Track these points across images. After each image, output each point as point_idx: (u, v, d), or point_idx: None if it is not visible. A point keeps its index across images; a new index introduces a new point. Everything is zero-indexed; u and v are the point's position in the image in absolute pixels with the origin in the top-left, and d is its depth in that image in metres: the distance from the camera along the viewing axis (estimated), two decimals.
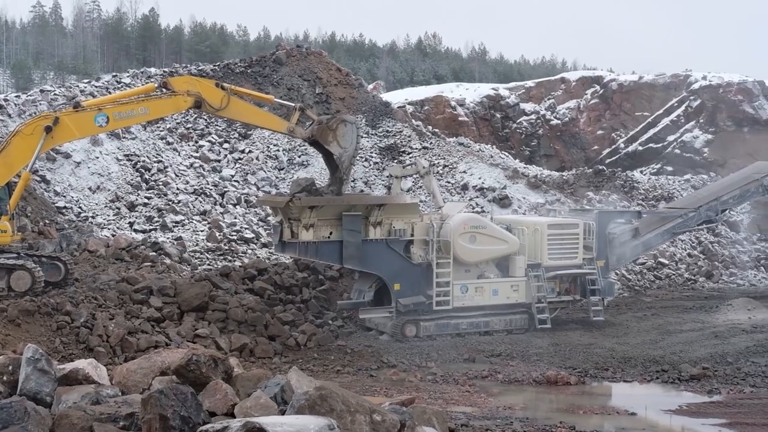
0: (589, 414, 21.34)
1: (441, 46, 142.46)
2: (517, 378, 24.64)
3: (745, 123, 57.78)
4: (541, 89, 64.81)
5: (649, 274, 42.84)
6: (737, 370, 25.42)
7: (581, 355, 27.48)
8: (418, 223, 30.35)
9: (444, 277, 29.91)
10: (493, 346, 28.50)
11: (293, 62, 51.25)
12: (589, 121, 62.13)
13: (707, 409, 21.71)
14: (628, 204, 48.38)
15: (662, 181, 53.89)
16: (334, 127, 28.20)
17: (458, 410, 20.20)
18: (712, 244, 46.47)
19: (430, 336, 29.51)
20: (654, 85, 62.58)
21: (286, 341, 27.77)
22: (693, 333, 30.59)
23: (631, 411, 21.67)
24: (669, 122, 59.65)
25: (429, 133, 52.78)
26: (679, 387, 24.14)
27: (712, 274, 44.01)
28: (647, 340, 29.76)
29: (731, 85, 58.73)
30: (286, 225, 28.52)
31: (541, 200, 47.35)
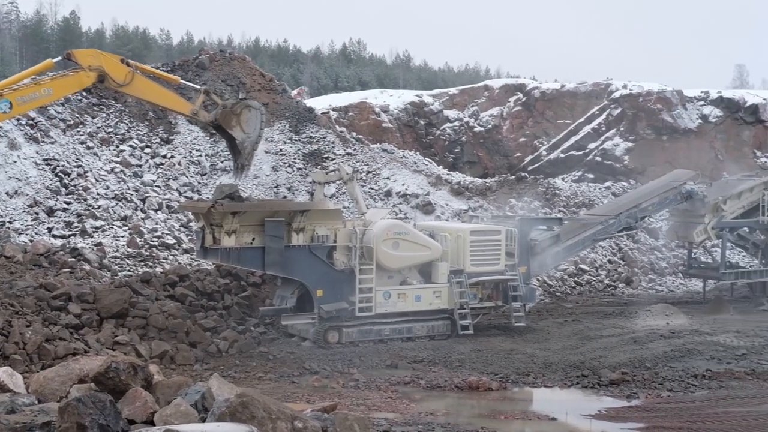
0: (510, 419, 21.49)
1: (365, 52, 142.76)
2: (439, 384, 24.71)
3: (664, 131, 58.72)
4: (465, 96, 65.18)
5: (570, 280, 43.31)
6: (655, 375, 25.80)
7: (503, 360, 27.68)
8: (341, 229, 30.31)
9: (367, 283, 29.91)
10: (415, 352, 28.56)
11: (216, 67, 50.93)
12: (512, 128, 62.66)
13: (626, 414, 22.00)
14: (549, 211, 48.86)
15: (583, 188, 54.52)
16: (238, 112, 27.97)
17: (380, 416, 20.18)
18: (631, 250, 47.13)
19: (352, 342, 29.48)
20: (576, 94, 63.34)
21: (207, 348, 27.55)
22: (613, 338, 30.97)
23: (551, 416, 21.85)
24: (590, 130, 60.38)
25: (353, 140, 52.80)
26: (599, 392, 24.41)
27: (631, 281, 44.63)
28: (568, 345, 30.08)
29: (651, 94, 59.64)
30: (208, 231, 28.27)
31: (464, 207, 47.61)
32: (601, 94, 62.28)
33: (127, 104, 47.21)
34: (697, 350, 28.68)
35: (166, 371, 23.23)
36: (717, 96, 60.93)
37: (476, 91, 65.99)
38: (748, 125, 59.54)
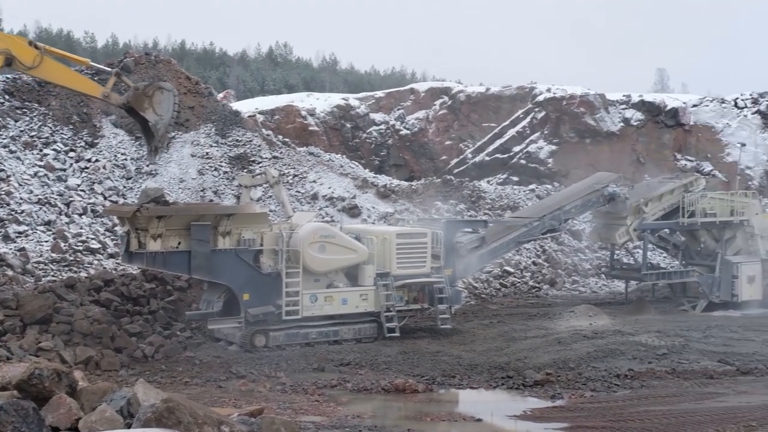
0: (436, 421, 21.64)
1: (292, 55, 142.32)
2: (365, 386, 24.79)
3: (587, 135, 59.48)
4: (391, 100, 65.39)
5: (495, 282, 43.70)
6: (579, 375, 26.17)
7: (429, 362, 27.84)
8: (268, 232, 30.26)
9: (293, 286, 29.90)
10: (342, 355, 28.62)
11: (141, 70, 50.45)
12: (438, 131, 62.99)
13: (550, 414, 22.27)
14: (475, 213, 49.25)
15: (508, 191, 55.02)
16: (150, 94, 27.50)
17: (307, 420, 20.21)
18: (555, 252, 47.72)
19: (279, 346, 29.44)
20: (501, 97, 63.88)
21: (133, 353, 27.34)
22: (537, 339, 31.32)
23: (477, 417, 22.03)
24: (515, 133, 60.95)
25: (279, 143, 52.69)
26: (524, 392, 24.69)
27: (555, 282, 45.18)
28: (493, 347, 30.35)
29: (574, 98, 60.38)
30: (133, 235, 28.05)
31: (391, 210, 47.77)
32: (525, 97, 62.90)
33: (51, 107, 46.60)
34: (619, 350, 29.12)
35: (91, 377, 22.98)
36: (639, 100, 61.88)
37: (402, 94, 66.23)
38: (668, 128, 60.54)
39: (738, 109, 61.92)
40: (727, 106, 62.24)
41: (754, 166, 58.91)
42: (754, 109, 61.77)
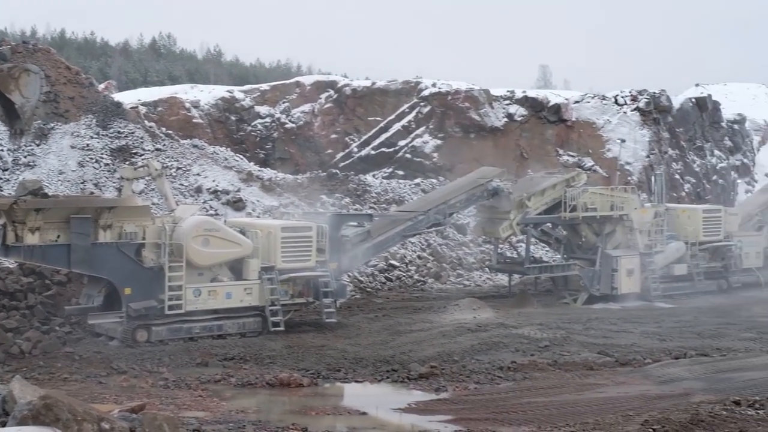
0: (321, 415, 21.56)
1: (176, 46, 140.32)
2: (250, 381, 24.61)
3: (472, 129, 59.97)
4: (276, 93, 64.91)
5: (380, 275, 43.81)
6: (463, 368, 26.42)
7: (314, 356, 27.79)
8: (150, 226, 29.81)
9: (176, 280, 29.52)
10: (226, 350, 28.37)
11: (19, 59, 48.98)
12: (324, 125, 62.79)
13: (435, 407, 22.40)
14: (360, 207, 49.30)
15: (393, 185, 55.22)
16: (17, 76, 26.95)
17: (190, 415, 19.94)
18: (440, 246, 48.04)
19: (162, 341, 29.04)
20: (386, 91, 63.98)
21: (9, 349, 26.64)
22: (422, 333, 31.51)
23: (362, 411, 22.06)
24: (400, 127, 61.11)
25: (162, 135, 51.91)
26: (409, 386, 24.80)
27: (440, 276, 45.49)
28: (378, 340, 30.44)
29: (459, 93, 60.83)
30: (10, 228, 27.31)
31: (276, 203, 47.50)
32: (411, 92, 63.09)
33: None
34: (502, 343, 29.51)
35: None
36: (522, 95, 62.63)
37: (288, 87, 65.82)
38: (551, 124, 61.43)
39: (618, 105, 63.18)
40: (607, 102, 63.46)
41: (634, 162, 60.21)
42: (633, 106, 63.09)
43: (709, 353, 29.09)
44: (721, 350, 29.68)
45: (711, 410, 20.01)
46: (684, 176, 64.62)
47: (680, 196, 61.77)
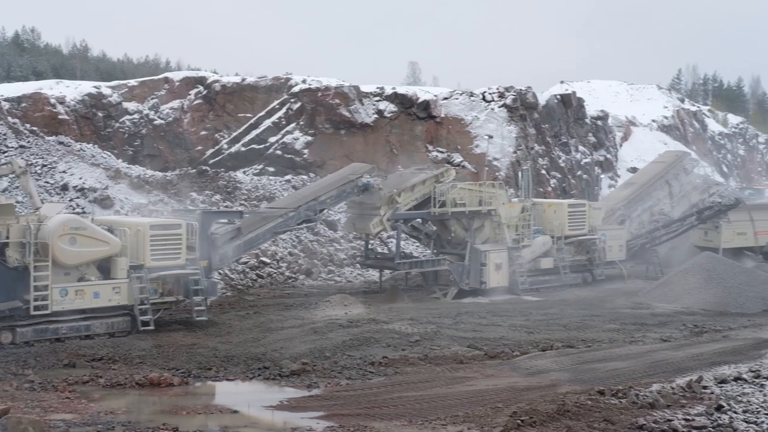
0: (192, 414, 21.41)
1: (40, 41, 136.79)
2: (119, 381, 24.26)
3: (342, 126, 60.03)
4: (145, 89, 63.87)
5: (251, 273, 43.59)
6: (334, 364, 26.54)
7: (184, 355, 27.54)
8: (14, 224, 29.08)
9: (42, 280, 28.86)
10: (94, 350, 27.90)
11: None
12: (193, 121, 62.03)
13: (307, 403, 22.46)
14: (231, 204, 48.98)
15: (264, 182, 55.00)
16: None
17: (57, 418, 19.56)
18: (311, 242, 48.04)
19: (27, 342, 28.40)
20: (256, 87, 63.54)
21: None
22: (293, 330, 31.52)
23: (234, 409, 21.98)
24: (271, 124, 60.78)
25: (26, 132, 50.67)
26: (281, 383, 24.82)
27: (311, 272, 45.50)
28: (249, 338, 30.32)
29: (329, 89, 60.79)
30: None
31: (144, 201, 46.85)
32: (281, 88, 62.81)
33: None
34: (374, 338, 29.74)
35: None
36: (392, 92, 62.97)
37: (156, 83, 64.82)
38: (420, 120, 61.89)
39: (486, 102, 64.05)
40: (475, 99, 64.27)
41: (501, 158, 61.14)
42: (500, 102, 64.04)
43: (574, 345, 29.85)
44: (587, 341, 30.48)
45: (577, 400, 20.57)
46: (550, 171, 65.92)
47: (546, 191, 62.99)
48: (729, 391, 21.72)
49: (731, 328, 33.25)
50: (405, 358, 27.38)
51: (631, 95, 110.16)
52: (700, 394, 21.49)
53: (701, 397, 21.11)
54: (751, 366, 24.95)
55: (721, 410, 19.43)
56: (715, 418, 18.90)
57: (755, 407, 19.67)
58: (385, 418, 20.69)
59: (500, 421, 19.39)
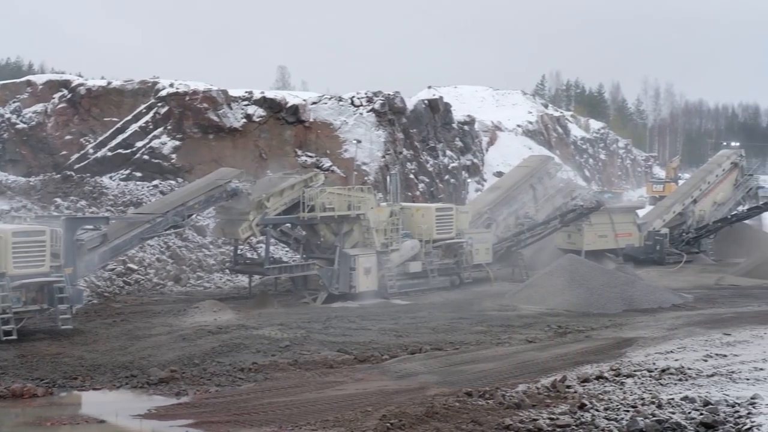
0: (57, 425, 21.05)
1: None
2: None
3: (211, 130, 59.49)
4: (6, 92, 62.39)
5: (118, 279, 42.87)
6: (204, 371, 26.37)
7: (49, 365, 26.95)
8: None
9: None
10: None
11: None
12: (57, 125, 60.77)
13: (175, 411, 22.29)
14: (97, 210, 48.13)
15: (131, 187, 54.21)
16: None
17: None
18: (179, 248, 47.51)
19: None
20: (123, 91, 62.62)
21: None
22: (162, 337, 31.18)
23: (101, 419, 21.67)
24: (138, 128, 59.93)
25: None
26: (149, 391, 24.53)
27: (180, 278, 44.99)
28: (116, 346, 29.87)
29: (197, 93, 60.19)
30: None
31: (6, 207, 45.70)
32: (148, 92, 61.96)
33: None
34: (243, 344, 29.65)
35: None
36: (260, 96, 62.70)
37: (18, 86, 63.33)
38: (289, 125, 61.79)
39: (354, 107, 64.36)
40: (344, 104, 64.52)
41: (370, 162, 61.52)
42: (369, 107, 64.43)
43: (443, 347, 30.26)
44: (455, 344, 30.93)
45: (445, 402, 20.90)
46: (418, 176, 66.65)
47: (415, 195, 63.65)
48: (591, 389, 22.37)
49: (593, 329, 34.14)
50: (275, 364, 27.36)
51: (497, 101, 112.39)
52: (564, 393, 22.08)
53: (565, 397, 21.69)
54: (612, 365, 25.75)
55: (583, 408, 19.97)
56: (578, 416, 19.41)
57: (615, 404, 20.28)
58: (255, 424, 20.69)
59: (370, 425, 19.57)
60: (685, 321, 35.57)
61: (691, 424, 18.22)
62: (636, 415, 19.00)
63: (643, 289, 41.36)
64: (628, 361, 26.60)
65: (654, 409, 19.50)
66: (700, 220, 61.59)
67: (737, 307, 39.89)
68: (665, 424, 18.18)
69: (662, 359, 26.51)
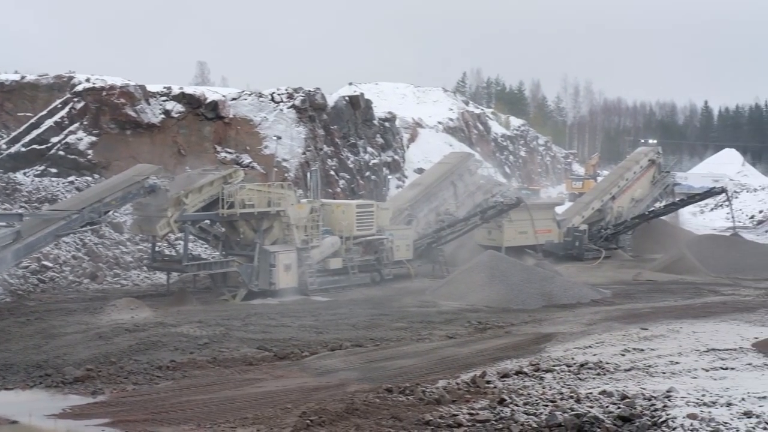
0: None
1: None
2: None
3: (128, 126, 58.72)
4: None
5: (32, 277, 42.04)
6: (120, 369, 25.97)
7: None
8: None
9: None
10: None
11: None
12: None
13: (91, 410, 21.92)
14: (10, 207, 47.15)
15: (46, 183, 53.26)
16: None
17: None
18: (96, 245, 46.75)
19: None
20: (37, 86, 61.62)
21: None
22: (77, 335, 30.64)
23: (12, 419, 21.19)
24: (53, 123, 58.92)
25: None
26: (64, 390, 24.09)
27: (96, 276, 44.29)
28: (30, 345, 29.27)
29: (114, 88, 59.33)
30: None
31: None
32: (63, 87, 60.98)
33: None
34: (161, 342, 29.30)
35: None
36: (179, 92, 62.07)
37: None
38: (209, 121, 61.26)
39: (275, 103, 64.08)
40: (264, 100, 64.20)
41: (290, 159, 61.30)
42: (289, 103, 64.23)
43: (363, 344, 30.20)
44: (375, 340, 30.89)
45: (365, 398, 20.85)
46: (339, 172, 66.57)
47: (335, 192, 63.56)
48: (511, 384, 22.46)
49: (513, 324, 34.33)
50: (193, 362, 27.06)
51: (418, 97, 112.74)
52: (483, 388, 22.15)
53: (485, 392, 21.75)
54: (532, 360, 25.92)
55: (503, 403, 20.04)
56: (497, 411, 19.46)
57: (535, 399, 20.38)
58: (172, 422, 20.41)
59: (290, 422, 19.44)
60: (604, 316, 35.94)
61: (609, 417, 18.38)
62: (555, 409, 19.11)
63: (562, 285, 41.74)
64: (547, 356, 26.78)
65: (573, 403, 19.65)
66: (619, 217, 62.46)
67: (654, 302, 40.43)
68: (583, 418, 18.31)
69: (581, 354, 26.74)
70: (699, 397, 19.63)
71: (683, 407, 18.62)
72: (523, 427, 18.25)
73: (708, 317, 35.03)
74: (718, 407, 18.59)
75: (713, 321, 33.85)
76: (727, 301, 40.67)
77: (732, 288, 45.68)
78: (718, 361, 24.98)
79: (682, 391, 20.24)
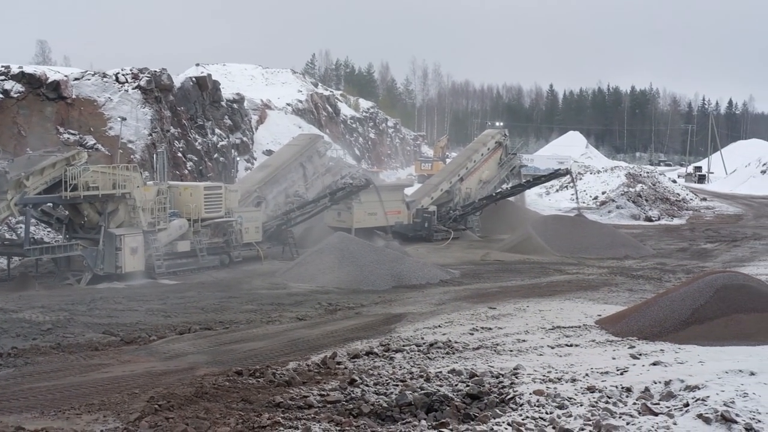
0: None
1: None
2: None
3: None
4: None
5: None
6: None
7: None
8: None
9: None
10: None
11: None
12: None
13: None
14: None
15: None
16: None
17: None
18: None
19: None
20: None
21: None
22: None
23: None
24: None
25: None
26: None
27: None
28: None
29: None
30: None
31: None
32: None
33: None
34: (2, 328, 28.42)
35: None
36: (18, 71, 60.11)
37: None
38: (51, 101, 59.56)
39: (120, 83, 62.68)
40: (108, 80, 62.72)
41: (136, 140, 60.08)
42: (135, 84, 62.92)
43: (212, 327, 29.85)
44: (224, 323, 30.57)
45: (215, 382, 20.64)
46: (186, 154, 65.62)
47: (183, 174, 62.68)
48: (361, 365, 22.56)
49: (363, 305, 34.48)
50: (36, 348, 26.27)
51: (267, 79, 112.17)
52: (334, 369, 22.18)
53: (335, 373, 21.78)
54: (382, 340, 26.10)
55: (354, 384, 20.11)
56: (348, 391, 19.51)
57: (385, 379, 20.52)
58: (14, 411, 19.73)
59: (137, 407, 19.06)
60: (452, 296, 36.43)
61: (458, 395, 18.65)
62: (405, 388, 19.28)
63: (411, 266, 42.11)
64: (398, 336, 27.00)
65: (422, 382, 19.86)
66: (467, 198, 63.47)
67: (502, 282, 41.19)
68: (433, 397, 18.53)
69: (430, 334, 27.05)
70: (545, 373, 20.10)
71: (530, 384, 19.03)
72: (373, 407, 18.35)
73: (553, 296, 35.92)
74: (563, 383, 19.08)
75: (558, 299, 34.73)
76: (572, 280, 41.75)
77: (576, 267, 46.87)
78: (563, 338, 25.66)
79: (529, 368, 20.69)
